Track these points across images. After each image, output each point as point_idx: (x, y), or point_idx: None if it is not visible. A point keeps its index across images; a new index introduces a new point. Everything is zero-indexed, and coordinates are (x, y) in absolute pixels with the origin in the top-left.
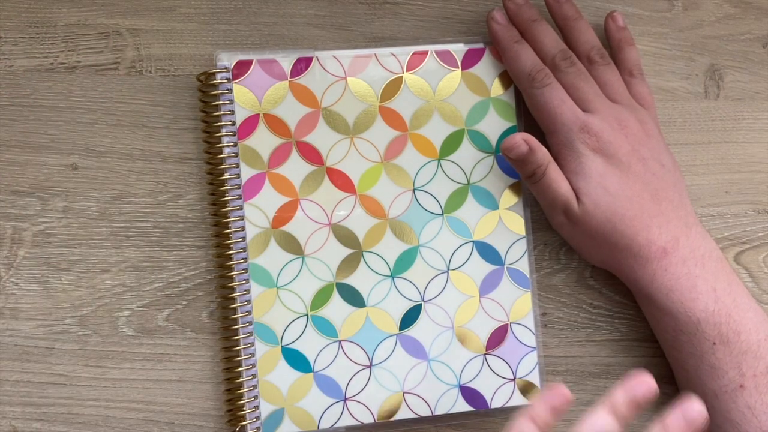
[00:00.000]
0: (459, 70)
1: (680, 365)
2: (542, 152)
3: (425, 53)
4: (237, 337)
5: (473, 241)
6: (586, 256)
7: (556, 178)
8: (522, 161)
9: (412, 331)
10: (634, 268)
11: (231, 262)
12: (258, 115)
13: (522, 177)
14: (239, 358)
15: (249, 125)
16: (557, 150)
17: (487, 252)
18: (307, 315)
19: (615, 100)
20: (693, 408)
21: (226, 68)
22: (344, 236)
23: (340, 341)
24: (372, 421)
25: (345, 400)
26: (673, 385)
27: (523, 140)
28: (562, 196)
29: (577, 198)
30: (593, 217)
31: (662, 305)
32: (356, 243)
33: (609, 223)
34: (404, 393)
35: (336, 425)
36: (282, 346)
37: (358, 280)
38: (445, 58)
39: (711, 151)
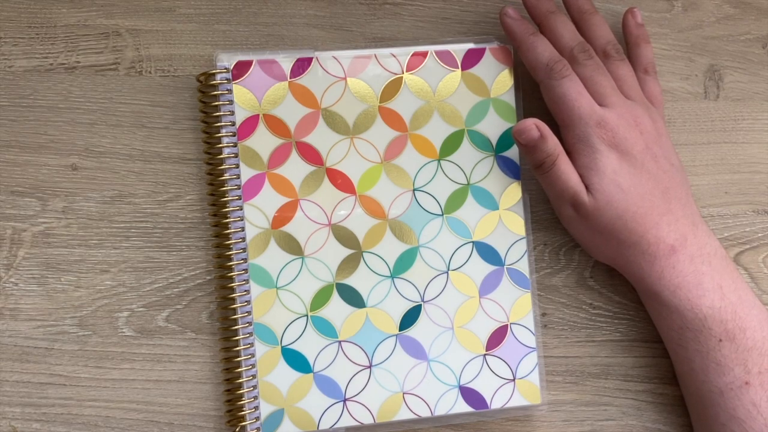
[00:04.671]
0: (459, 71)
1: (686, 363)
2: (553, 141)
3: (425, 53)
4: (237, 338)
5: (473, 242)
6: (592, 252)
7: (566, 169)
8: (532, 148)
9: (412, 332)
10: (642, 265)
11: (231, 263)
12: (258, 115)
13: (531, 166)
14: (239, 359)
15: (249, 126)
16: (571, 143)
17: (487, 252)
18: (306, 315)
19: (629, 96)
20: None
21: (225, 68)
22: (344, 236)
23: (339, 342)
24: (372, 421)
25: (345, 400)
26: (674, 385)
27: (534, 125)
28: (571, 188)
29: (589, 193)
30: (604, 212)
31: (669, 302)
32: (356, 243)
33: (620, 220)
34: (404, 393)
35: (336, 426)
36: (282, 347)
37: (357, 280)
38: (445, 58)
39: (711, 152)
